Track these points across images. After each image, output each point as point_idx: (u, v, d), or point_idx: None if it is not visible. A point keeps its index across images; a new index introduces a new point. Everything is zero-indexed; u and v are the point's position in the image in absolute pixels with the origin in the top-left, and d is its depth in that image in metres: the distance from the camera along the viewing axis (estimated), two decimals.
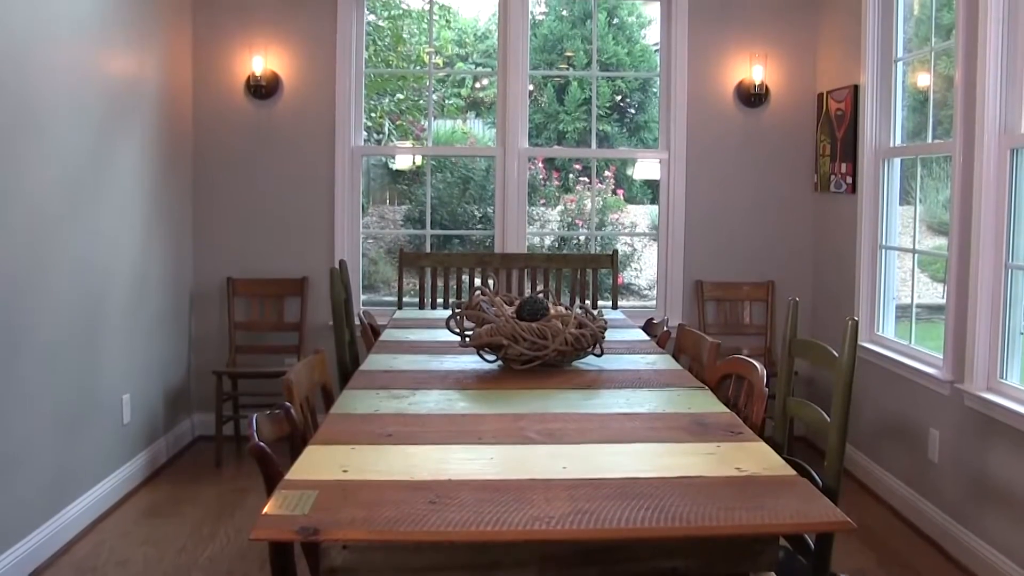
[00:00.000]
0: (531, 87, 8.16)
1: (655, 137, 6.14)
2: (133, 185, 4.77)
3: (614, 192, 9.71)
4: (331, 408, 2.89)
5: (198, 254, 5.66)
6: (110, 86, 4.48)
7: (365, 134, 6.09)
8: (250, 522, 3.51)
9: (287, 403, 2.62)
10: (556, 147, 10.02)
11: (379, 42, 9.62)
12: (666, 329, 4.31)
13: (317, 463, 2.29)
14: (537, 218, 9.35)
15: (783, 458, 2.40)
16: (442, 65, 9.98)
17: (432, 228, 6.46)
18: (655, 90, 8.44)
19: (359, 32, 5.75)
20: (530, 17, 5.91)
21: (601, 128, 9.48)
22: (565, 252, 8.54)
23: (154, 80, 5.04)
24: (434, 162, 8.92)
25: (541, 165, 9.62)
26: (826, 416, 2.72)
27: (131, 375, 4.76)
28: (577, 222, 9.38)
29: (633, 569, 2.10)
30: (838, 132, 5.31)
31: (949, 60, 4.39)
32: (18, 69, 3.61)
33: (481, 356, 3.51)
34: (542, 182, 9.74)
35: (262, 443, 2.25)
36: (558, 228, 9.47)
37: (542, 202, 9.63)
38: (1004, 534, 3.67)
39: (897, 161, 4.90)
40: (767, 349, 5.66)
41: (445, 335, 3.78)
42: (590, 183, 6.86)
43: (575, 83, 10.02)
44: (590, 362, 3.56)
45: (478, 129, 10.57)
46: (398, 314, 5.00)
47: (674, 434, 2.61)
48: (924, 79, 4.82)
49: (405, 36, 9.87)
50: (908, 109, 4.96)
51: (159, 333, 5.15)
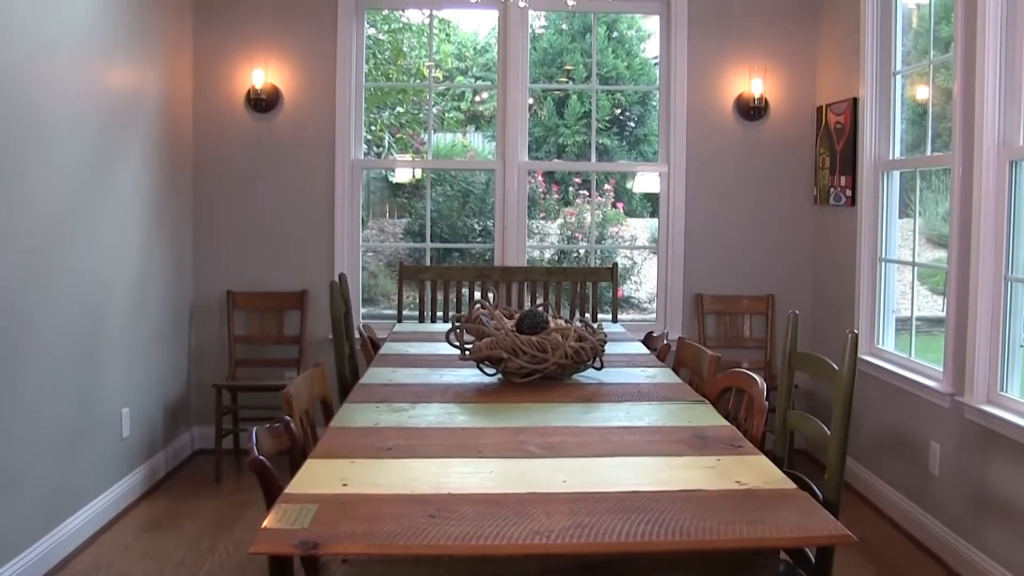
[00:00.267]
0: (531, 100, 8.18)
1: (655, 150, 6.15)
2: (133, 198, 4.77)
3: (614, 205, 9.71)
4: (331, 422, 2.89)
5: (198, 267, 5.66)
6: (111, 99, 4.49)
7: (365, 147, 6.10)
8: (249, 536, 3.49)
9: (287, 417, 2.62)
10: (556, 160, 10.04)
11: (379, 55, 9.64)
12: (666, 342, 4.31)
13: (317, 477, 2.29)
14: (537, 231, 9.35)
15: (783, 471, 2.40)
16: (442, 78, 10.00)
17: (432, 241, 6.46)
18: (655, 103, 8.46)
19: (359, 46, 5.77)
20: (530, 31, 5.93)
21: (601, 141, 9.50)
22: (565, 265, 8.54)
23: (155, 93, 5.05)
24: (434, 175, 8.93)
25: (541, 178, 9.63)
26: (826, 429, 2.71)
27: (131, 388, 4.75)
28: (577, 235, 9.39)
29: None
30: (837, 145, 5.32)
31: (948, 73, 4.40)
32: (20, 83, 3.61)
33: (481, 369, 3.51)
34: (542, 195, 9.75)
35: (262, 457, 2.25)
36: (558, 241, 9.47)
37: (542, 215, 9.64)
38: (1005, 547, 3.66)
39: (896, 174, 4.91)
40: (767, 362, 5.66)
41: (445, 348, 3.78)
42: (590, 196, 6.87)
43: (575, 96, 10.04)
44: (590, 375, 3.56)
45: (478, 142, 10.58)
46: (398, 327, 5.00)
47: (674, 447, 2.61)
48: (923, 92, 4.83)
49: (405, 49, 9.89)
50: (907, 122, 4.97)
51: (159, 346, 5.15)
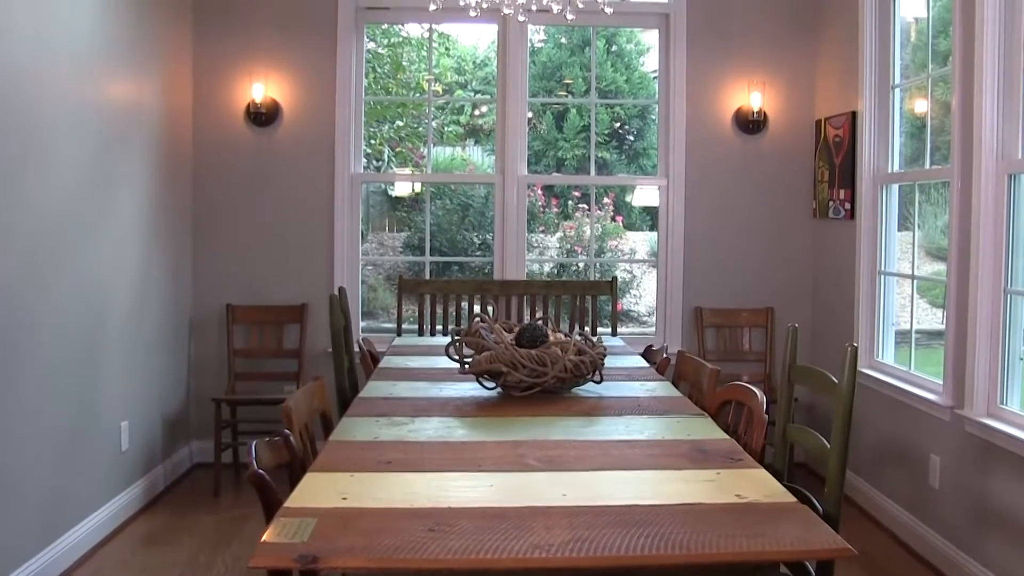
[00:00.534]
0: (530, 114, 8.19)
1: (654, 164, 6.15)
2: (133, 211, 4.78)
3: (613, 219, 9.71)
4: (330, 435, 2.88)
5: (197, 280, 5.66)
6: (111, 112, 4.50)
7: (364, 161, 6.11)
8: (248, 550, 3.49)
9: (286, 430, 2.62)
10: (555, 174, 10.05)
11: (378, 69, 9.66)
12: (665, 356, 4.31)
13: (316, 491, 2.28)
14: (536, 245, 9.35)
15: (783, 485, 2.39)
16: (441, 92, 10.01)
17: (431, 255, 6.46)
18: (654, 117, 8.47)
19: (359, 60, 5.78)
20: (529, 44, 5.95)
21: (600, 155, 9.51)
22: (564, 279, 8.53)
23: (155, 106, 5.07)
24: (433, 189, 8.94)
25: (540, 192, 9.64)
26: (826, 442, 2.71)
27: (130, 402, 4.75)
28: (576, 249, 9.39)
29: None
30: (836, 158, 5.33)
31: (946, 86, 4.41)
32: (21, 94, 3.62)
33: (480, 383, 3.50)
34: (541, 209, 9.75)
35: (261, 471, 2.24)
36: (557, 255, 9.47)
37: (541, 229, 9.64)
38: (1005, 560, 3.64)
39: (895, 187, 4.92)
40: (767, 376, 5.65)
41: (444, 362, 3.78)
42: (589, 210, 6.88)
43: (574, 110, 10.06)
44: (590, 389, 3.55)
45: (477, 156, 10.59)
46: (397, 341, 5.00)
47: (674, 461, 2.61)
48: (921, 105, 4.85)
49: (404, 63, 9.91)
50: (906, 135, 4.98)
51: (158, 360, 5.15)
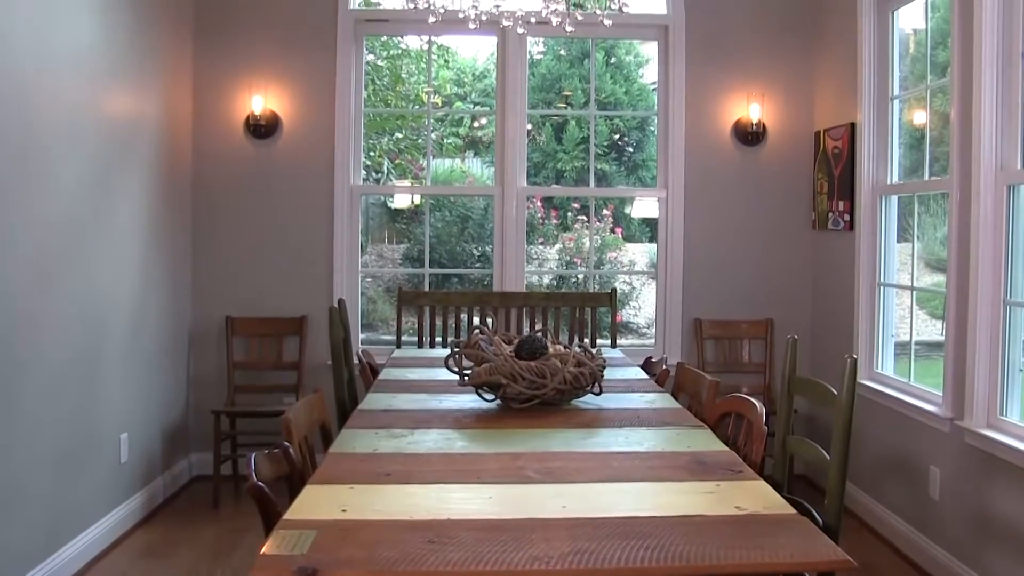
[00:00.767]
0: (529, 126, 8.21)
1: (653, 175, 6.17)
2: (132, 223, 4.78)
3: (612, 230, 9.72)
4: (330, 447, 2.88)
5: (197, 293, 5.66)
6: (110, 124, 4.50)
7: (364, 173, 6.12)
8: (248, 563, 3.48)
9: (286, 442, 2.62)
10: (554, 186, 10.06)
11: (378, 81, 9.68)
12: (665, 367, 4.30)
13: (316, 503, 2.28)
14: (535, 257, 9.36)
15: (783, 496, 2.39)
16: (441, 104, 10.03)
17: (431, 267, 6.47)
18: (653, 129, 8.49)
19: (358, 72, 5.80)
20: (528, 56, 5.96)
21: (599, 167, 9.52)
22: (564, 291, 8.54)
23: (154, 118, 5.08)
24: (433, 201, 8.95)
25: (539, 204, 9.65)
26: (826, 454, 2.71)
27: (129, 414, 4.74)
28: (575, 260, 9.39)
29: None
30: (835, 170, 5.34)
31: (945, 97, 4.42)
32: (20, 107, 3.63)
33: (480, 395, 3.50)
34: (540, 221, 9.76)
35: (260, 483, 2.24)
36: (556, 266, 9.48)
37: (540, 241, 9.65)
38: (1006, 571, 3.63)
39: (894, 198, 4.93)
40: (766, 387, 5.65)
41: (444, 374, 3.78)
42: (588, 221, 6.87)
43: (573, 122, 10.07)
44: (589, 401, 3.55)
45: (476, 168, 10.60)
46: (397, 353, 5.00)
47: (674, 473, 2.60)
48: (920, 116, 4.86)
49: (404, 76, 9.93)
50: (905, 146, 4.99)
51: (157, 372, 5.14)
